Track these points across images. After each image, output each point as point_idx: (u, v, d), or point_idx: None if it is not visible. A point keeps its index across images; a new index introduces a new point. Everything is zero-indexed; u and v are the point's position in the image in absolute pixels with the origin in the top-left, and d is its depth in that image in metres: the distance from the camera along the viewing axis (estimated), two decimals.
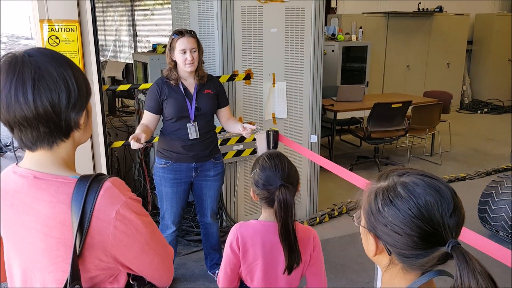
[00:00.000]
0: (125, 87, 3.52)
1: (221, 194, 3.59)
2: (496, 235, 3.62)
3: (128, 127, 4.35)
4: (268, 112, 3.67)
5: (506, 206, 3.50)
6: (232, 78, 3.45)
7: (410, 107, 5.27)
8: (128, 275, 1.09)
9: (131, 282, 1.10)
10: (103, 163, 3.13)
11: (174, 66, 2.64)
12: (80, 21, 2.87)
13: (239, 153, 3.53)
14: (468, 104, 9.09)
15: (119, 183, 1.01)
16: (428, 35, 8.09)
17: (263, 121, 3.64)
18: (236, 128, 2.69)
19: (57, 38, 2.84)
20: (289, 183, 1.57)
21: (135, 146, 2.29)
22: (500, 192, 3.58)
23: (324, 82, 3.88)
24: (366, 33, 7.08)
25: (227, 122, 2.82)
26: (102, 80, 3.12)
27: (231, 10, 3.32)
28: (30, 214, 0.98)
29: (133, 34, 7.68)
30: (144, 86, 3.52)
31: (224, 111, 2.83)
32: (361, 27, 6.95)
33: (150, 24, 7.92)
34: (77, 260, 0.96)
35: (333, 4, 7.67)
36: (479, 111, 8.79)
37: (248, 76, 3.52)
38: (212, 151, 2.81)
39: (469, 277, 0.77)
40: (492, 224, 3.61)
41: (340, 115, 5.32)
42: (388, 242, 0.88)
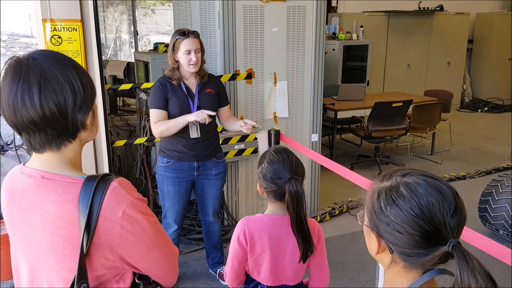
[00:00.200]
0: (127, 86, 3.52)
1: (223, 193, 3.60)
2: (497, 234, 3.64)
3: (130, 126, 4.35)
4: (269, 111, 3.68)
5: (507, 205, 3.52)
6: (233, 77, 3.46)
7: (411, 106, 5.28)
8: (134, 274, 1.10)
9: (137, 281, 1.11)
10: (105, 162, 3.14)
11: (177, 66, 2.65)
12: (82, 20, 2.89)
13: (240, 152, 3.54)
14: (469, 103, 9.09)
15: (126, 183, 1.03)
16: (428, 34, 8.09)
17: (264, 120, 3.65)
18: (237, 125, 2.70)
19: (59, 37, 2.85)
20: (297, 176, 1.61)
21: (205, 115, 2.53)
22: (501, 191, 3.60)
23: (324, 81, 3.88)
24: (367, 32, 7.08)
25: (227, 121, 2.83)
26: (104, 79, 3.13)
27: (233, 9, 3.33)
28: (37, 213, 1.00)
29: (134, 32, 7.68)
30: (146, 85, 3.52)
31: (224, 110, 2.84)
32: (361, 26, 6.94)
33: (151, 22, 7.92)
34: (84, 259, 0.97)
35: (334, 3, 7.66)
36: (479, 110, 8.79)
37: (249, 76, 3.53)
38: (214, 150, 2.82)
39: (469, 276, 0.79)
40: (492, 223, 3.62)
41: (340, 114, 5.32)
42: (390, 240, 0.90)
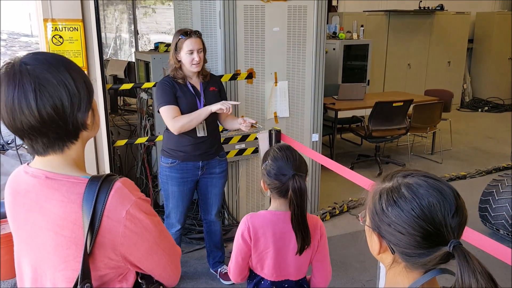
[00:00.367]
0: (128, 86, 3.52)
1: (223, 192, 3.61)
2: (497, 234, 3.65)
3: (130, 126, 4.36)
4: (270, 111, 3.69)
5: (507, 204, 3.52)
6: (234, 77, 3.46)
7: (411, 106, 5.29)
8: (137, 274, 1.11)
9: (140, 281, 1.12)
10: (106, 162, 3.15)
11: (179, 66, 2.65)
12: (83, 20, 2.89)
13: (241, 152, 3.55)
14: (469, 102, 9.09)
15: (129, 183, 1.03)
16: (429, 33, 8.10)
17: (265, 120, 3.66)
18: (236, 123, 2.71)
19: (60, 37, 2.86)
20: (300, 172, 1.64)
21: (229, 104, 2.57)
22: (501, 190, 3.60)
23: (325, 80, 3.89)
24: (367, 31, 7.08)
25: (225, 120, 2.84)
26: (105, 79, 3.13)
27: (234, 9, 3.34)
28: (41, 213, 1.00)
29: (134, 32, 7.68)
30: (147, 85, 3.53)
31: None
32: (362, 26, 6.94)
33: (151, 21, 7.92)
34: (88, 258, 0.98)
35: (334, 2, 7.66)
36: (479, 110, 8.79)
37: (250, 75, 3.54)
38: (218, 148, 2.85)
39: (469, 276, 0.79)
40: (492, 222, 3.63)
41: (341, 114, 5.32)
42: (392, 241, 0.90)
